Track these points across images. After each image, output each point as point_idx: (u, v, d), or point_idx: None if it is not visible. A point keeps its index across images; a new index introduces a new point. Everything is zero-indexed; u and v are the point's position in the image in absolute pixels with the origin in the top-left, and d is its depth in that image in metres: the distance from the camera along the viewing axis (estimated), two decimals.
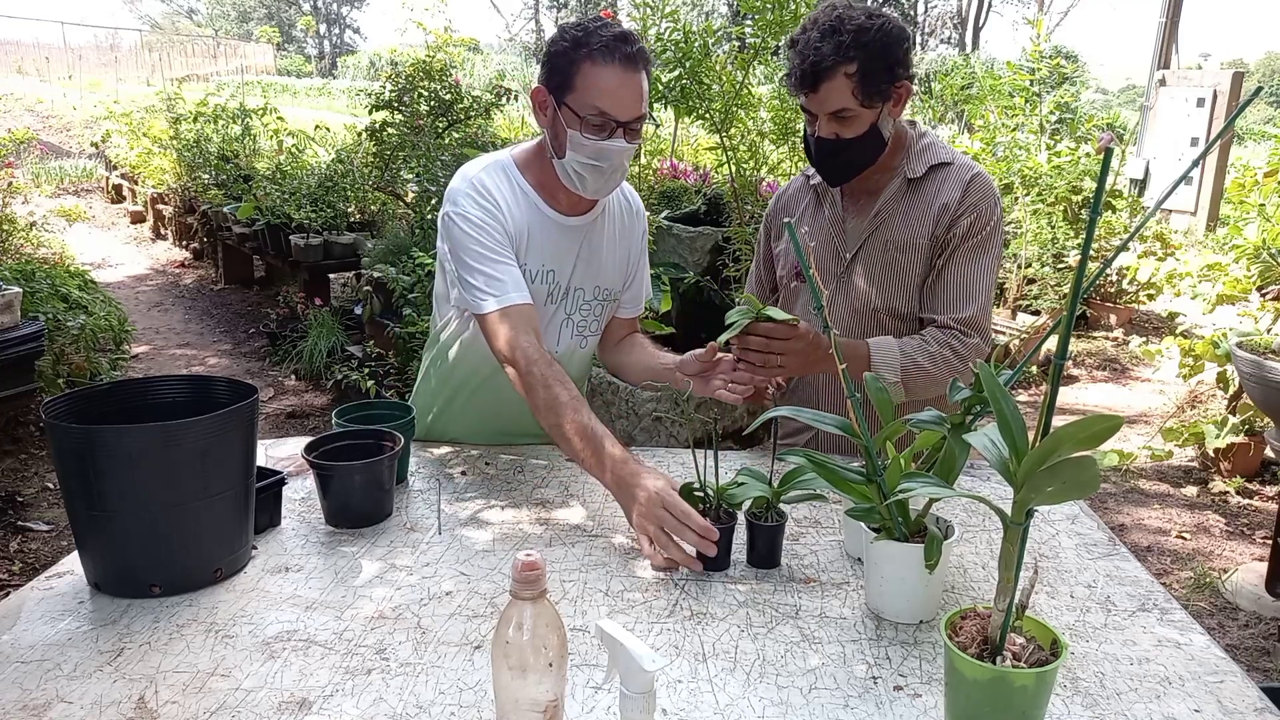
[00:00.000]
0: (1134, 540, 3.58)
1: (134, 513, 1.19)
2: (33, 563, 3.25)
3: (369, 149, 6.01)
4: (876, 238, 1.74)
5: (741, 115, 4.14)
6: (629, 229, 1.80)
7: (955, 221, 1.68)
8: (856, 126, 1.63)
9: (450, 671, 1.08)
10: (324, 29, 50.99)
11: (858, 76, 1.58)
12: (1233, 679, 1.09)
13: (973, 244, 1.69)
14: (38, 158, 11.98)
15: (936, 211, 1.70)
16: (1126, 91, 34.48)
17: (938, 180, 1.72)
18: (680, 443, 3.55)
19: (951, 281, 1.70)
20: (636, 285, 1.85)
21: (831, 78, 1.58)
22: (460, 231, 1.58)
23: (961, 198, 1.68)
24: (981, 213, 1.68)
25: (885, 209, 1.74)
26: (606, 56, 1.49)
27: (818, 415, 1.26)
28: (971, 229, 1.68)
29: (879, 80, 1.59)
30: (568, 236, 1.67)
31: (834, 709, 1.02)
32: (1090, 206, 0.85)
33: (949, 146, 1.78)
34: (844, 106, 1.60)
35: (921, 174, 1.72)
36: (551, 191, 1.64)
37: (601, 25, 1.52)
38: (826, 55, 1.57)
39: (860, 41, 1.56)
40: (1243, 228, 4.71)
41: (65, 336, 4.49)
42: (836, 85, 1.59)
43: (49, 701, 1.01)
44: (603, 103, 1.50)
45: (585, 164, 1.55)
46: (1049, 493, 0.87)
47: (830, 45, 1.56)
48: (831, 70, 1.58)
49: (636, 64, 1.52)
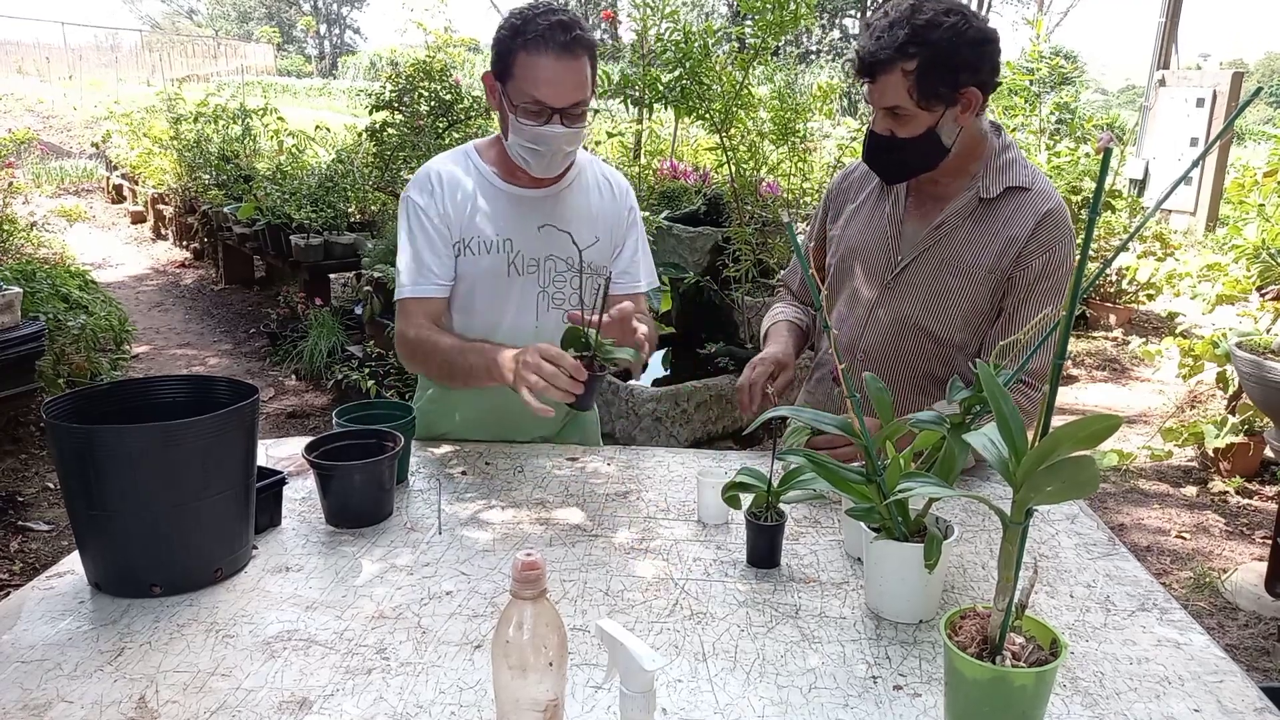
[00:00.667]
0: (1133, 540, 3.58)
1: (134, 513, 1.19)
2: (33, 562, 3.25)
3: (369, 149, 6.02)
4: (934, 253, 1.63)
5: (741, 115, 4.15)
6: (610, 205, 1.81)
7: (1024, 259, 1.57)
8: (912, 127, 1.53)
9: (450, 671, 1.08)
10: (324, 29, 51.00)
11: (915, 74, 1.47)
12: (1232, 679, 1.09)
13: (1046, 287, 1.57)
14: (38, 158, 11.99)
15: (1003, 243, 1.58)
16: (1126, 92, 34.50)
17: (1011, 206, 1.60)
18: (680, 442, 3.55)
19: (1019, 325, 1.58)
20: (627, 261, 1.83)
21: (889, 71, 1.49)
22: (403, 214, 1.72)
23: (1034, 232, 1.57)
24: (1055, 253, 1.57)
25: (949, 223, 1.63)
26: (541, 45, 1.53)
27: (817, 415, 1.26)
28: (1045, 271, 1.57)
29: (938, 82, 1.48)
30: (523, 206, 1.72)
31: (834, 708, 1.02)
32: (1090, 207, 0.85)
33: (1030, 165, 1.65)
34: (897, 104, 1.51)
35: (996, 195, 1.60)
36: (509, 169, 1.71)
37: (541, 13, 1.55)
38: (886, 46, 1.47)
39: (925, 38, 1.45)
40: (1242, 228, 4.71)
41: (66, 336, 4.49)
42: (892, 80, 1.49)
43: (50, 701, 1.01)
44: (538, 91, 1.55)
45: (526, 147, 1.62)
46: (1048, 492, 0.88)
47: (893, 36, 1.47)
48: (889, 64, 1.48)
49: (573, 51, 1.55)
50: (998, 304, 1.62)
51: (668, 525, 1.48)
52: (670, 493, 1.61)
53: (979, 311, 1.63)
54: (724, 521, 1.49)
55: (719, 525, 1.48)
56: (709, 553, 1.39)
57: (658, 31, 4.23)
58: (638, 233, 1.85)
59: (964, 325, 1.63)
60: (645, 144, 6.18)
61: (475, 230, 1.70)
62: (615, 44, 9.19)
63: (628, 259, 1.83)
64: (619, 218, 1.81)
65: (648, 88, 4.12)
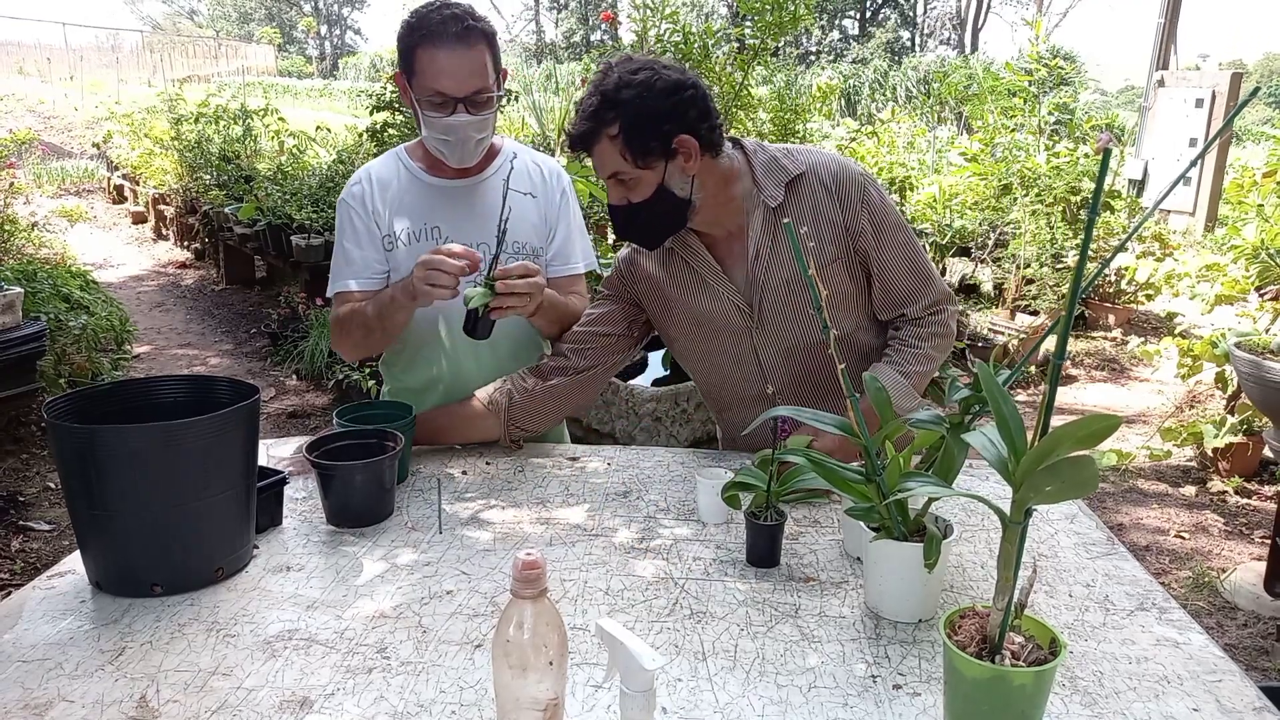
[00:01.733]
0: (1132, 540, 3.58)
1: (135, 512, 1.20)
2: (34, 562, 3.25)
3: (370, 150, 6.01)
4: (770, 281, 1.63)
5: (741, 116, 4.15)
6: (542, 191, 1.85)
7: (852, 227, 1.60)
8: (642, 189, 1.53)
9: (451, 670, 1.08)
10: (325, 30, 51.00)
11: (622, 137, 1.48)
12: (1231, 678, 1.10)
13: (885, 231, 1.61)
14: (39, 158, 12.00)
15: (822, 228, 1.60)
16: (1125, 92, 34.49)
17: (801, 197, 1.61)
18: (680, 442, 3.55)
19: (894, 275, 1.63)
20: (560, 243, 1.86)
21: (597, 141, 1.51)
22: (338, 217, 1.82)
23: (839, 203, 1.60)
24: (870, 204, 1.60)
25: (761, 246, 1.62)
26: (437, 38, 1.60)
27: (817, 415, 1.26)
28: (874, 222, 1.61)
29: (646, 137, 1.48)
30: (448, 196, 1.79)
31: (833, 708, 1.02)
32: (1089, 207, 0.86)
33: (790, 151, 1.65)
34: (617, 170, 1.52)
35: (781, 198, 1.60)
36: (433, 163, 1.79)
37: (435, 8, 1.62)
38: (587, 118, 1.50)
39: (616, 99, 1.47)
40: (1241, 228, 4.72)
41: (67, 336, 4.49)
42: (604, 149, 1.51)
43: (51, 700, 1.02)
44: (438, 83, 1.62)
45: (438, 139, 1.69)
46: (1047, 492, 0.88)
47: (589, 106, 1.50)
48: (594, 134, 1.50)
49: (468, 40, 1.61)
50: (860, 277, 1.65)
51: (668, 525, 1.48)
52: (670, 493, 1.61)
53: (849, 296, 1.66)
54: (724, 521, 1.49)
55: (719, 525, 1.48)
56: (709, 552, 1.39)
57: (658, 33, 4.23)
58: (571, 215, 1.88)
59: (845, 314, 1.66)
60: None
61: (404, 223, 1.76)
62: (615, 45, 9.18)
63: (561, 240, 1.86)
64: (551, 201, 1.85)
65: None
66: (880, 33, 37.89)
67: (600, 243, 4.72)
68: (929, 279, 1.67)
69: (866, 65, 23.60)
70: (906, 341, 1.66)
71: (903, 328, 1.68)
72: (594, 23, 42.59)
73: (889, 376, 1.60)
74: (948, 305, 1.69)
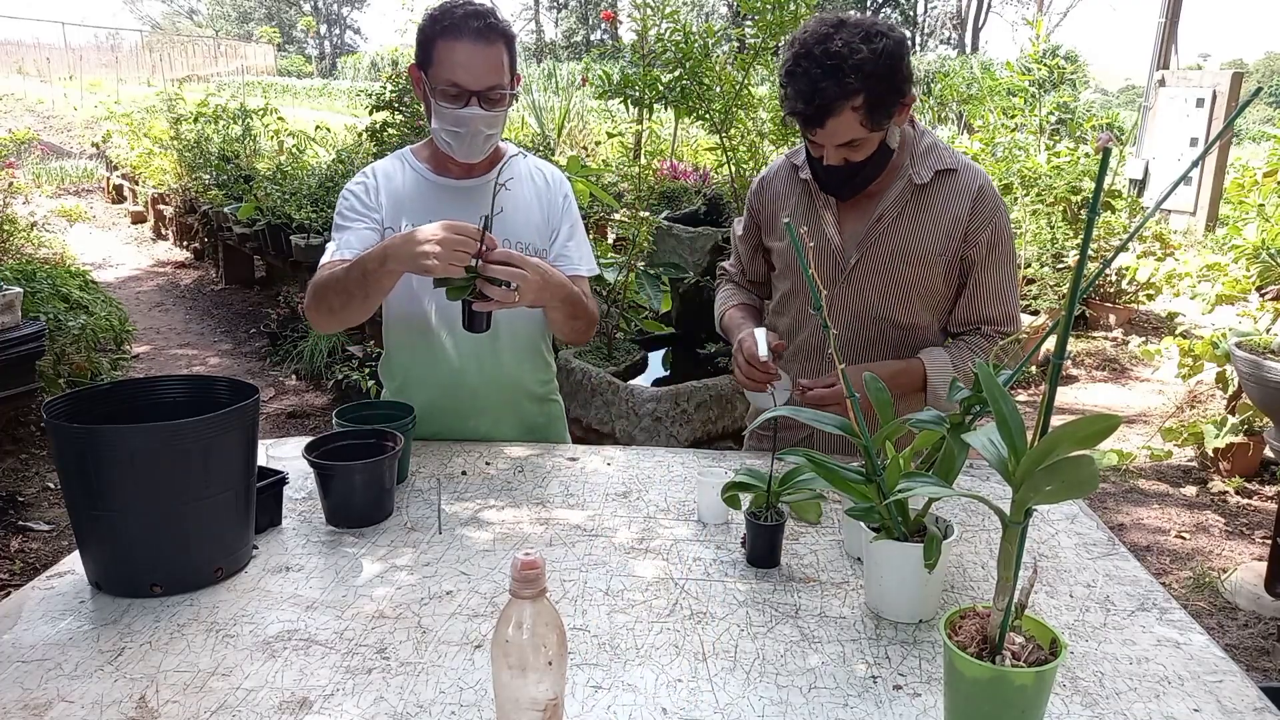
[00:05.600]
0: (1133, 540, 3.58)
1: (135, 512, 1.19)
2: (33, 562, 3.25)
3: (369, 149, 6.01)
4: (881, 245, 1.69)
5: (741, 115, 4.15)
6: (545, 194, 1.87)
7: (972, 235, 1.67)
8: (866, 149, 1.59)
9: (451, 671, 1.08)
10: (324, 29, 51.01)
11: (865, 108, 1.52)
12: (1232, 678, 1.09)
13: (996, 255, 1.69)
14: (39, 158, 12.00)
15: (948, 224, 1.67)
16: (1126, 92, 34.49)
17: (945, 189, 1.68)
18: (680, 442, 3.55)
19: (986, 293, 1.70)
20: (561, 245, 1.87)
21: (839, 114, 1.52)
22: (338, 206, 1.82)
23: (973, 211, 1.66)
24: (997, 225, 1.67)
25: (888, 214, 1.68)
26: (457, 32, 1.63)
27: (817, 415, 1.26)
28: (992, 241, 1.68)
29: (889, 105, 1.54)
30: (452, 195, 1.79)
31: (833, 708, 1.02)
32: (1089, 206, 0.85)
33: (950, 148, 1.74)
34: (852, 138, 1.55)
35: (928, 180, 1.67)
36: (440, 162, 1.81)
37: (459, 4, 1.65)
38: (832, 94, 1.49)
39: (865, 73, 1.49)
40: (1242, 228, 4.72)
41: (66, 336, 4.49)
42: (844, 120, 1.52)
43: (50, 701, 1.02)
44: (455, 75, 1.64)
45: (448, 130, 1.69)
46: (1047, 492, 0.88)
47: (834, 84, 1.49)
48: (838, 107, 1.51)
49: (488, 37, 1.64)
50: (954, 281, 1.72)
51: (668, 525, 1.48)
52: (670, 493, 1.61)
53: (936, 292, 1.71)
54: (724, 521, 1.49)
55: (719, 525, 1.48)
56: (709, 553, 1.39)
57: (658, 32, 4.23)
58: (573, 220, 1.90)
59: (924, 307, 1.72)
60: (645, 144, 6.18)
61: (406, 220, 1.75)
62: (615, 44, 9.18)
63: (562, 243, 1.87)
64: (553, 204, 1.87)
65: (648, 88, 4.12)
66: None
67: (600, 243, 4.73)
68: (1011, 316, 1.73)
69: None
70: (969, 343, 1.71)
71: (971, 335, 1.73)
72: (594, 22, 42.56)
73: (939, 360, 1.66)
74: (1013, 330, 1.72)
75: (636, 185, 3.99)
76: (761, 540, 1.34)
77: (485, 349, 1.78)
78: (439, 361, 1.82)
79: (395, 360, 1.89)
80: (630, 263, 3.71)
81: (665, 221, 4.53)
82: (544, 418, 1.96)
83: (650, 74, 4.22)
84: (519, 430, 1.91)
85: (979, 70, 12.79)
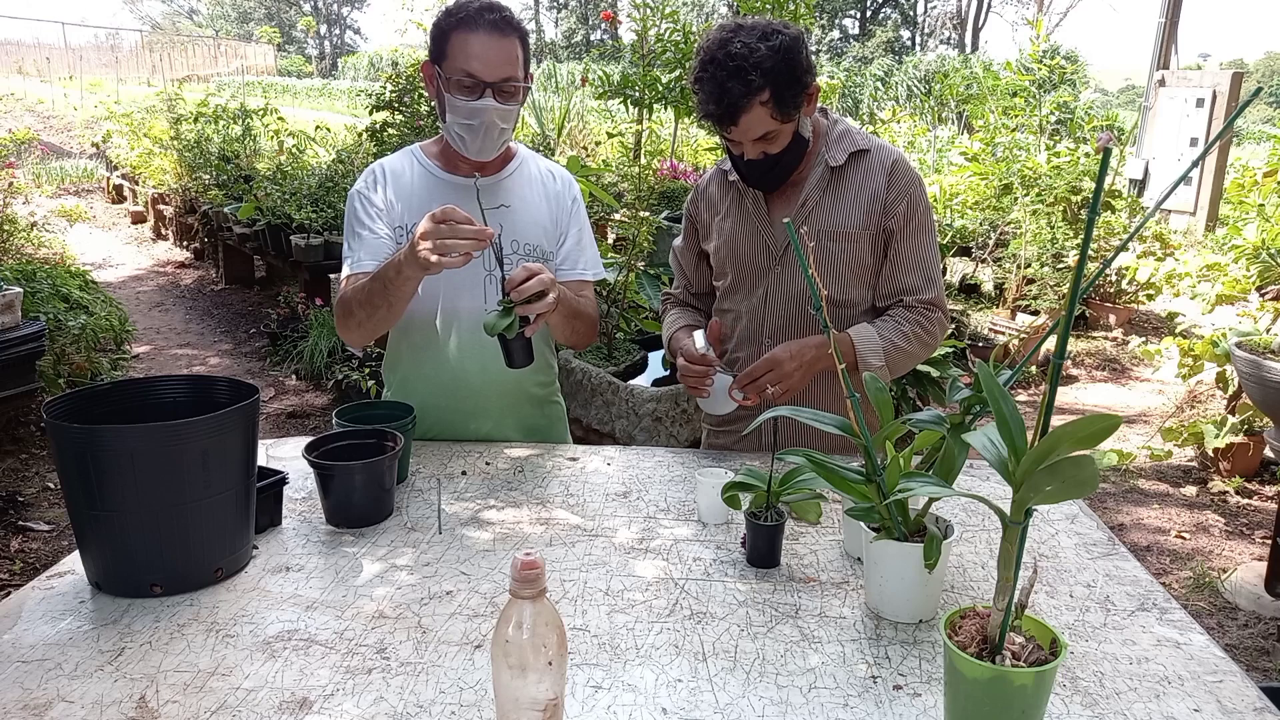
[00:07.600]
0: (1133, 540, 3.58)
1: (135, 512, 1.19)
2: (33, 562, 3.25)
3: (369, 149, 6.01)
4: (807, 229, 1.76)
5: None
6: (554, 196, 1.87)
7: (890, 207, 1.74)
8: (781, 140, 1.66)
9: (451, 671, 1.08)
10: (324, 30, 51.02)
11: (773, 102, 1.60)
12: (1232, 678, 1.09)
13: (913, 226, 1.75)
14: (39, 158, 12.00)
15: (867, 200, 1.74)
16: (1126, 92, 34.49)
17: (860, 168, 1.76)
18: (680, 442, 3.55)
19: (905, 262, 1.76)
20: (570, 247, 1.87)
21: (749, 110, 1.60)
22: (348, 208, 1.82)
23: (889, 184, 1.74)
24: (912, 196, 1.74)
25: (811, 197, 1.76)
26: (473, 24, 1.64)
27: (817, 415, 1.26)
28: (908, 212, 1.74)
29: (794, 96, 1.61)
30: (462, 193, 1.77)
31: (834, 708, 1.02)
32: (1089, 206, 0.85)
33: (862, 131, 1.83)
34: (766, 130, 1.63)
35: (843, 161, 1.75)
36: (450, 160, 1.81)
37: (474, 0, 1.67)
38: (738, 92, 1.58)
39: (766, 69, 1.57)
40: (1242, 228, 4.72)
41: (66, 336, 4.49)
42: (755, 115, 1.61)
43: (50, 701, 1.02)
44: (470, 65, 1.64)
45: (461, 124, 1.69)
46: (1047, 492, 0.88)
47: (739, 83, 1.57)
48: (746, 105, 1.59)
49: (503, 30, 1.65)
50: (880, 255, 1.78)
51: (668, 525, 1.48)
52: (670, 493, 1.61)
53: (864, 266, 1.78)
54: (724, 521, 1.49)
55: (719, 525, 1.48)
56: (709, 553, 1.39)
57: (658, 32, 4.23)
58: (581, 223, 1.90)
59: (855, 282, 1.78)
60: (645, 144, 6.18)
61: (417, 216, 1.74)
62: (615, 44, 9.18)
63: (570, 246, 1.87)
64: (563, 206, 1.87)
65: (648, 88, 4.13)
66: (880, 32, 37.92)
67: (600, 243, 4.72)
68: (932, 282, 1.79)
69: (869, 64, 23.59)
70: (894, 316, 1.77)
71: (895, 309, 1.78)
72: (594, 22, 42.54)
73: (865, 331, 1.72)
74: (939, 311, 1.79)
75: (636, 185, 3.98)
76: (761, 540, 1.34)
77: (488, 351, 1.78)
78: (441, 363, 1.82)
79: (396, 361, 1.89)
80: (630, 263, 3.71)
81: (665, 221, 4.53)
82: (545, 419, 1.96)
83: (650, 74, 4.22)
84: (520, 431, 1.90)
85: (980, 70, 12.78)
